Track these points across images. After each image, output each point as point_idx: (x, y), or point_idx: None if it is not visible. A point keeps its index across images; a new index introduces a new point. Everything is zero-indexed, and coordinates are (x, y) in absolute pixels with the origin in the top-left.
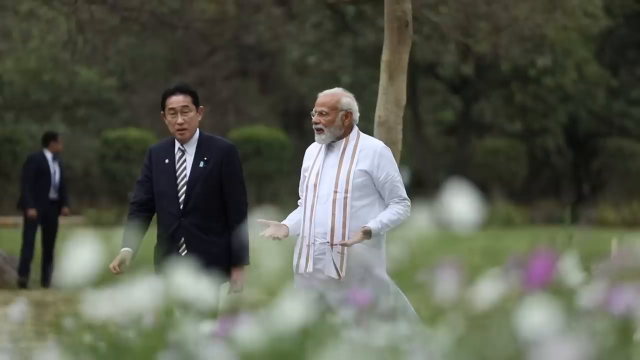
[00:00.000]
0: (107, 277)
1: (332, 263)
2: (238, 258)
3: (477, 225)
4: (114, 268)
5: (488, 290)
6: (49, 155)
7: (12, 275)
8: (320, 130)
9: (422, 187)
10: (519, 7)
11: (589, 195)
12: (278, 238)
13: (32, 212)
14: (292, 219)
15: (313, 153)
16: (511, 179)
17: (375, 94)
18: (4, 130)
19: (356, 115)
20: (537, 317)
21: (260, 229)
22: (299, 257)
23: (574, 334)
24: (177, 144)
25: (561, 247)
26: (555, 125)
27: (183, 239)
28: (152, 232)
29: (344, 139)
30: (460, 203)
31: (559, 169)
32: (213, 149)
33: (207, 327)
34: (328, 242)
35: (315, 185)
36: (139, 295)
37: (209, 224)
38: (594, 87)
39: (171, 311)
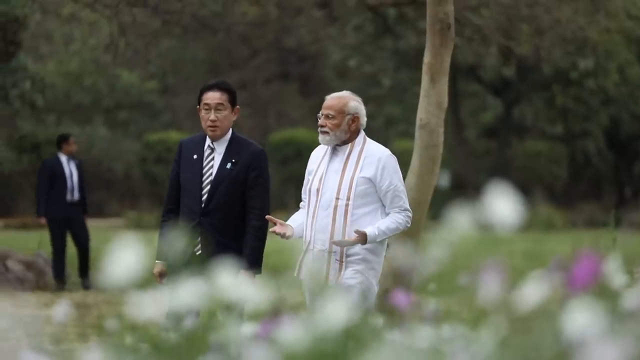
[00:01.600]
0: (149, 279)
1: (329, 270)
2: (249, 264)
3: (518, 228)
4: (159, 282)
5: (531, 292)
6: (63, 158)
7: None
8: (325, 133)
9: (462, 189)
10: (562, 10)
11: (630, 199)
12: (285, 236)
13: (43, 221)
14: (296, 220)
15: (318, 156)
16: (552, 182)
17: (416, 96)
18: (46, 133)
19: (363, 119)
20: (580, 319)
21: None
22: (299, 262)
23: (617, 336)
24: (208, 141)
25: (604, 249)
26: (597, 128)
27: (199, 237)
28: None
29: (350, 143)
30: (502, 205)
31: (600, 172)
32: (243, 152)
33: (249, 328)
34: (327, 249)
35: (318, 191)
36: (181, 297)
37: (227, 225)
38: (636, 89)
39: (213, 312)
